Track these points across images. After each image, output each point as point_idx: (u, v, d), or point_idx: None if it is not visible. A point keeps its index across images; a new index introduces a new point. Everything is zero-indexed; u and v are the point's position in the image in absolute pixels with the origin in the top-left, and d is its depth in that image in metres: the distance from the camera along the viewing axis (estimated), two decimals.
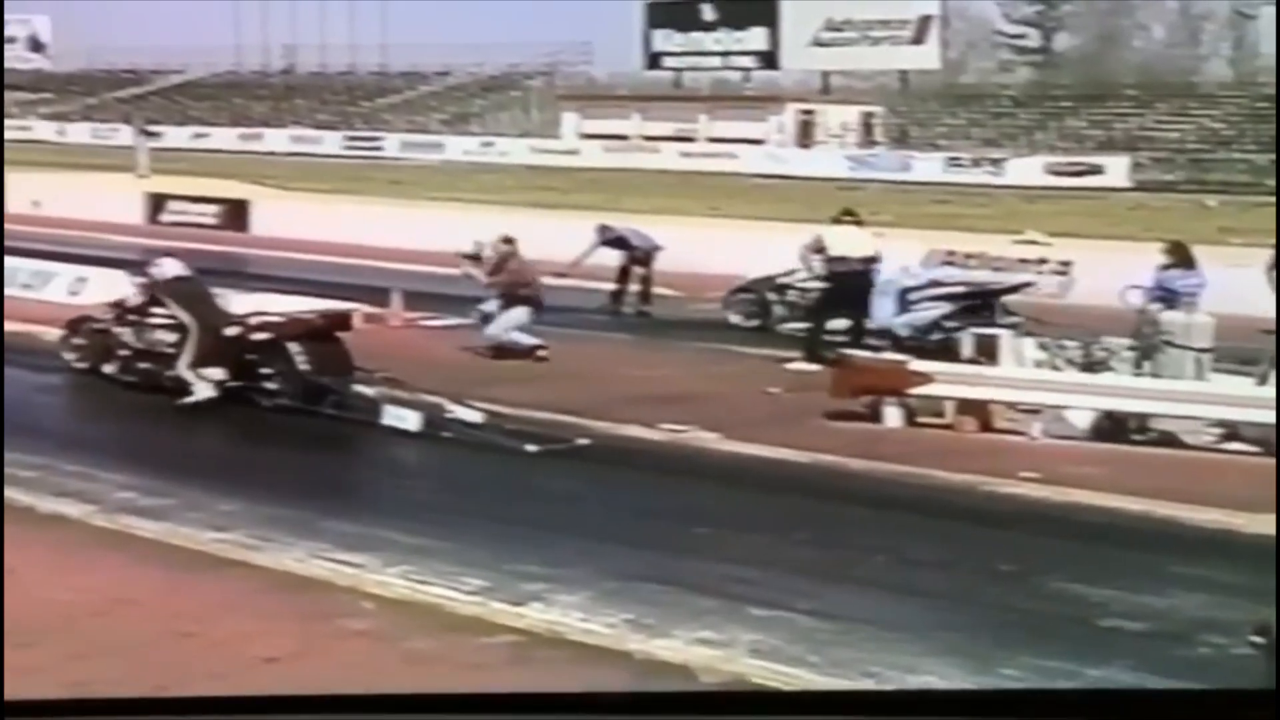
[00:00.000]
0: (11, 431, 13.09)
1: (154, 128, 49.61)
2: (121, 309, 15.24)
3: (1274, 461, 11.40)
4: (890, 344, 16.60)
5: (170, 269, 15.17)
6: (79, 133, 72.40)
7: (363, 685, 7.12)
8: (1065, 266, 23.91)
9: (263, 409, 14.05)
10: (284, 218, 32.86)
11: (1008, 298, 18.98)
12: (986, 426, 13.68)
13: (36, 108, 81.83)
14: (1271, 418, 12.38)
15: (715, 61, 68.51)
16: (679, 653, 7.95)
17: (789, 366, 16.49)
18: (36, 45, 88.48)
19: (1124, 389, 13.77)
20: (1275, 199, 30.71)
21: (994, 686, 7.55)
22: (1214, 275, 16.75)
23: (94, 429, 13.97)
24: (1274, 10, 47.32)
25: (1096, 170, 51.54)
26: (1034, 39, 76.49)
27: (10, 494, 10.78)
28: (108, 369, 15.03)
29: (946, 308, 18.22)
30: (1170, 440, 13.27)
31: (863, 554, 9.99)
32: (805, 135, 62.45)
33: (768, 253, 20.90)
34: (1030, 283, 20.77)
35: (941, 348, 16.51)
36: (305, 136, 69.14)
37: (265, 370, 14.27)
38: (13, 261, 21.47)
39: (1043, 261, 24.32)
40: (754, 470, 12.38)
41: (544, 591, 8.83)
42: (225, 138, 68.63)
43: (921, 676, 7.67)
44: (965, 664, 7.91)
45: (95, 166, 45.65)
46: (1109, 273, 19.05)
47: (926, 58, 63.93)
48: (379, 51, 77.61)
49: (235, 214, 34.00)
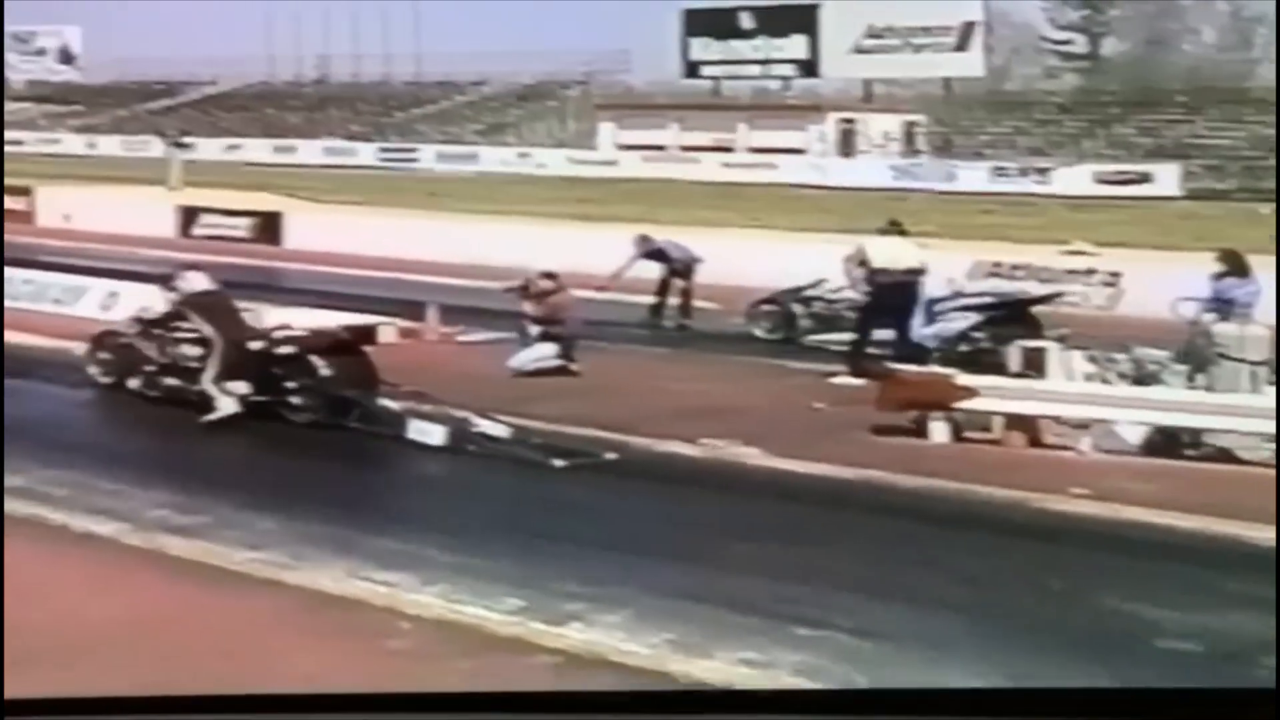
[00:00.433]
0: (45, 448, 13.20)
1: (186, 140, 49.78)
2: (146, 323, 15.33)
3: None
4: (915, 356, 16.50)
5: (195, 283, 15.24)
6: (110, 145, 72.82)
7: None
8: (1114, 277, 23.82)
9: (291, 424, 14.11)
10: (317, 230, 32.99)
11: (1050, 309, 18.93)
12: (1035, 441, 13.62)
13: (66, 120, 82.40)
14: None
15: (754, 70, 68.40)
16: (722, 673, 7.93)
17: (833, 380, 16.46)
18: (67, 57, 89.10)
19: (1176, 403, 13.69)
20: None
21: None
22: (1269, 284, 16.63)
23: (127, 445, 14.02)
24: None
25: (1146, 178, 51.28)
26: (1080, 44, 76.24)
27: (43, 512, 10.87)
28: (132, 383, 15.12)
29: (974, 318, 18.22)
30: (1225, 455, 13.19)
31: (909, 571, 9.95)
32: (847, 145, 62.35)
33: (809, 264, 20.86)
34: (1060, 293, 20.71)
35: (969, 359, 16.53)
36: (339, 148, 69.37)
37: (289, 384, 14.34)
38: (44, 276, 21.65)
39: (1091, 272, 24.23)
40: (797, 486, 12.35)
41: (584, 611, 8.82)
42: (258, 149, 68.90)
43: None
44: (1015, 684, 7.87)
45: (126, 179, 45.88)
46: (1159, 283, 18.97)
47: (970, 65, 63.73)
48: (413, 61, 77.89)
49: (268, 227, 34.13)
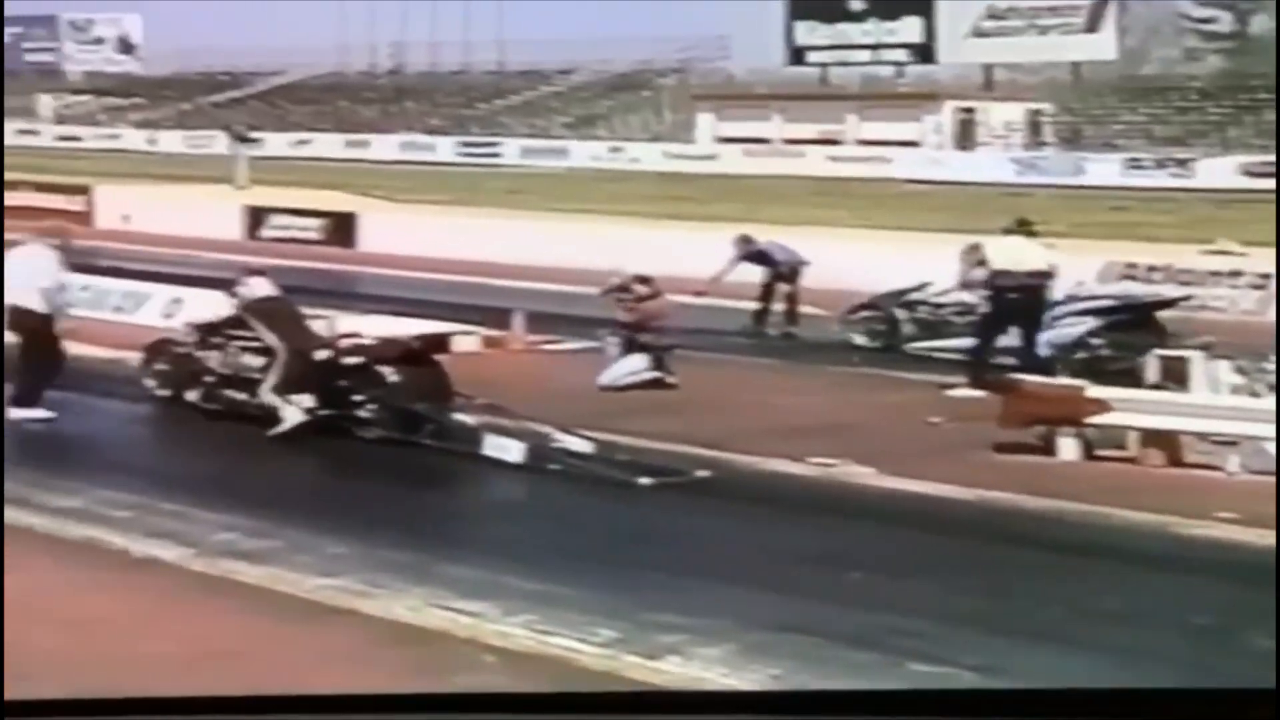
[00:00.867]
0: (103, 468, 13.36)
1: (252, 135, 50.34)
2: (204, 331, 15.46)
3: None
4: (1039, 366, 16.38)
5: (258, 288, 15.34)
6: (172, 141, 73.87)
7: None
8: (1263, 279, 23.52)
9: (360, 440, 14.19)
10: (393, 232, 33.25)
11: (1189, 314, 18.78)
12: (1176, 460, 13.48)
13: (126, 114, 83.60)
14: None
15: (864, 55, 68.32)
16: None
17: (952, 393, 16.37)
18: (127, 47, 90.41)
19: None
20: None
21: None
22: None
23: (189, 463, 14.14)
24: None
25: None
26: (1225, 23, 75.31)
27: (103, 535, 11.01)
28: (191, 396, 15.23)
29: (1091, 323, 18.12)
30: None
31: (1036, 604, 9.88)
32: (965, 136, 62.12)
33: (924, 267, 20.76)
34: (1189, 296, 20.50)
35: (1086, 368, 16.43)
36: (416, 143, 69.94)
37: (357, 397, 14.42)
38: (104, 282, 21.90)
39: (1237, 274, 23.96)
40: (914, 509, 12.30)
41: (682, 644, 8.80)
42: (329, 145, 69.61)
43: None
44: None
45: (189, 178, 46.45)
46: None
47: (1102, 47, 63.31)
48: (496, 48, 78.43)
49: (340, 228, 34.43)
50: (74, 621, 9.14)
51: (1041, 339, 17.44)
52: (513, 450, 13.38)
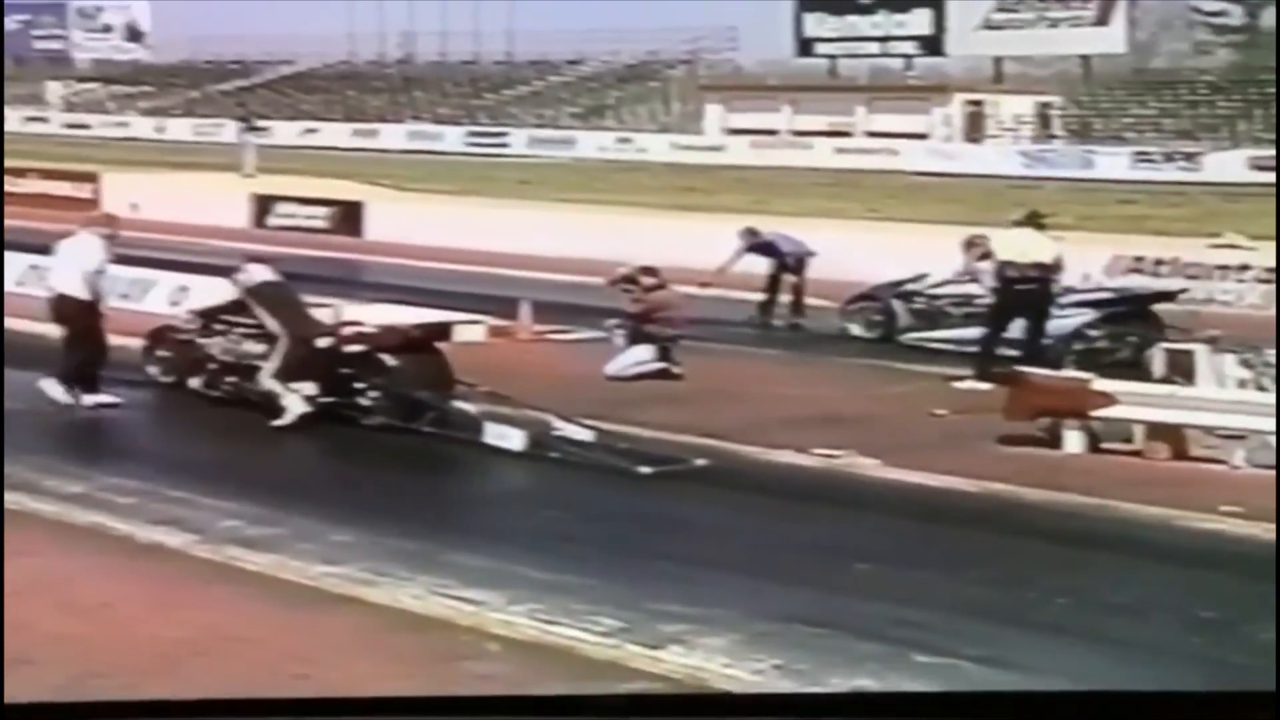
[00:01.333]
0: (108, 454, 13.39)
1: (261, 123, 50.32)
2: (206, 317, 15.47)
3: None
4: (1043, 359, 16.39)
5: (258, 274, 15.33)
6: (180, 129, 73.77)
7: None
8: (1270, 274, 23.49)
9: (363, 428, 14.20)
10: (401, 221, 33.19)
11: (1198, 308, 18.80)
12: (1181, 454, 13.49)
13: (135, 102, 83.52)
14: None
15: (874, 48, 68.12)
16: None
17: (957, 385, 16.38)
18: (135, 34, 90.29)
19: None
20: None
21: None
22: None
23: (193, 450, 14.13)
24: None
25: None
26: (1236, 16, 75.14)
27: (107, 521, 11.03)
28: (194, 382, 15.24)
29: (1089, 315, 18.18)
30: None
31: (1041, 596, 9.89)
32: (974, 129, 62.01)
33: (932, 259, 20.74)
34: (1184, 289, 20.54)
35: (1084, 360, 16.48)
36: (424, 132, 69.85)
37: (359, 385, 14.44)
38: (110, 269, 21.86)
39: (1245, 268, 23.92)
40: (919, 500, 12.32)
41: (685, 633, 8.82)
42: (338, 134, 69.50)
43: None
44: None
45: (197, 166, 46.43)
46: None
47: (1112, 40, 63.13)
48: (505, 39, 78.23)
49: (348, 217, 34.39)
50: (80, 606, 9.17)
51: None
52: (513, 438, 13.40)
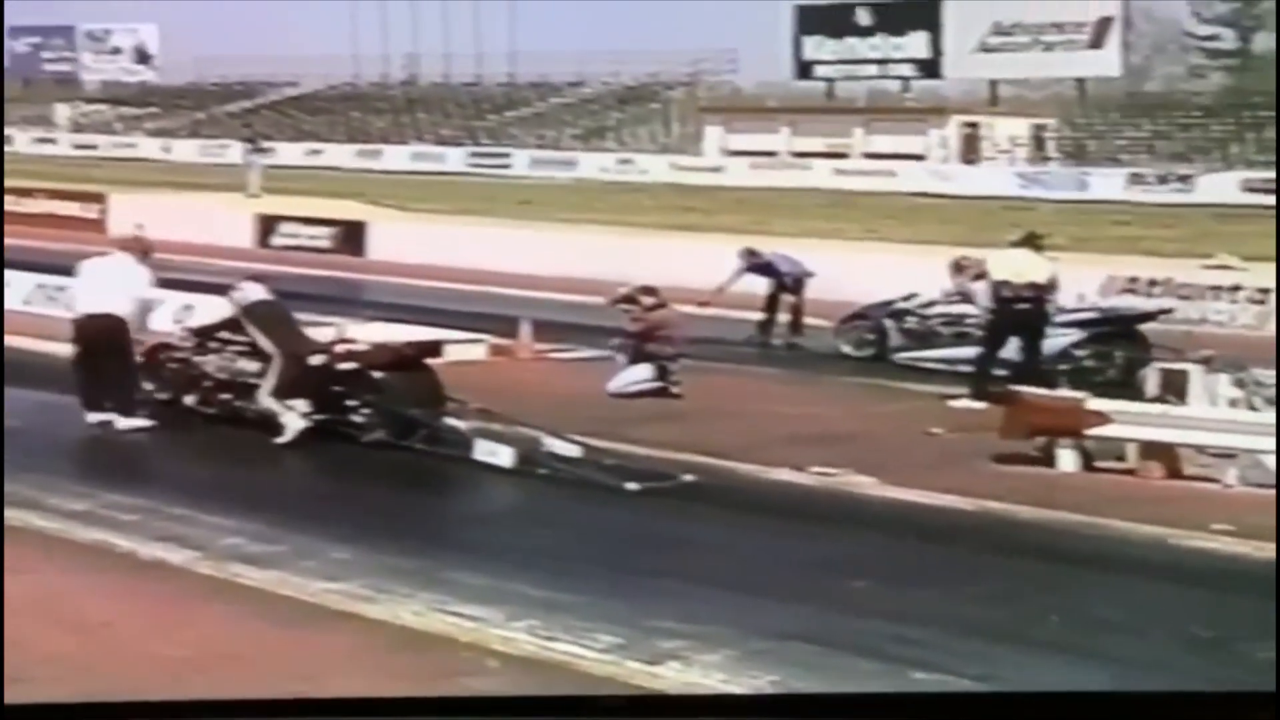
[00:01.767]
0: (110, 471, 13.37)
1: (266, 144, 50.37)
2: (201, 336, 15.45)
3: None
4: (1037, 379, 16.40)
5: (252, 293, 15.32)
6: (186, 150, 73.84)
7: None
8: (1263, 294, 23.50)
9: (358, 445, 14.19)
10: (403, 241, 33.25)
11: (1192, 328, 18.82)
12: (1174, 473, 13.46)
13: (142, 123, 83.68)
14: None
15: (872, 70, 68.25)
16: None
17: (953, 404, 16.36)
18: (143, 56, 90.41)
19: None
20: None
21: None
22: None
23: (193, 467, 14.10)
24: None
25: None
26: (1229, 40, 75.38)
27: (110, 538, 11.00)
28: (189, 400, 15.22)
29: (1076, 335, 18.21)
30: None
31: (1037, 613, 9.84)
32: (971, 150, 62.10)
33: (929, 279, 20.74)
34: (1169, 309, 20.56)
35: (1073, 379, 16.55)
36: (427, 153, 69.94)
37: (352, 402, 14.43)
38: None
39: (1237, 289, 23.94)
40: (915, 518, 12.28)
41: (682, 650, 8.77)
42: (341, 154, 69.62)
43: None
44: None
45: (203, 186, 46.49)
46: None
47: (1106, 63, 63.21)
48: (507, 60, 78.36)
49: (351, 237, 34.44)
50: (82, 623, 9.14)
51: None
52: (503, 455, 13.40)
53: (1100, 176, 55.19)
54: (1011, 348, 17.16)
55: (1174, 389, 14.85)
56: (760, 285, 21.88)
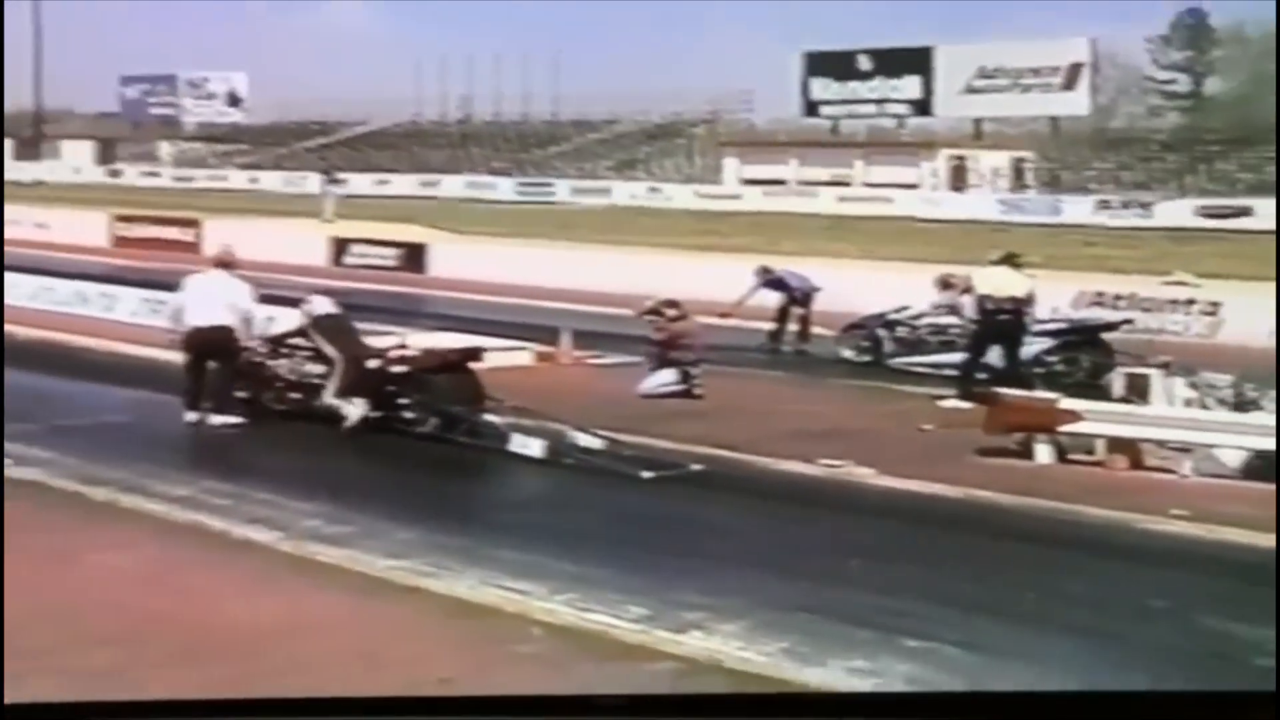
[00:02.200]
0: (207, 461, 13.43)
1: (339, 175, 50.43)
2: (275, 343, 15.51)
3: None
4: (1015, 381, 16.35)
5: (320, 306, 15.48)
6: (271, 181, 74.01)
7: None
8: (1214, 307, 23.42)
9: (415, 440, 14.21)
10: (459, 260, 33.28)
11: (1152, 336, 18.76)
12: (1137, 464, 13.41)
13: (233, 158, 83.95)
14: None
15: (871, 109, 68.17)
16: (833, 681, 7.87)
17: (942, 404, 16.32)
18: (234, 100, 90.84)
19: (1275, 428, 13.38)
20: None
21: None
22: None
23: (280, 459, 14.13)
24: None
25: (1246, 212, 50.40)
26: (1183, 84, 75.20)
27: (205, 519, 11.04)
28: (265, 398, 15.28)
29: (1046, 343, 18.17)
30: None
31: (1014, 589, 9.82)
32: (958, 179, 61.96)
33: (920, 293, 20.70)
34: (1129, 320, 20.52)
35: (1042, 381, 16.60)
36: (480, 183, 70.01)
37: (403, 400, 14.53)
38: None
39: (1191, 302, 23.86)
40: (908, 505, 12.24)
41: (703, 620, 8.77)
42: (405, 184, 69.69)
43: None
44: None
45: (285, 213, 46.56)
46: (1259, 313, 18.64)
47: (1077, 104, 63.07)
48: (550, 102, 78.50)
49: (414, 256, 34.48)
50: (181, 591, 9.20)
51: (998, 355, 17.40)
52: (534, 447, 13.45)
53: (1072, 203, 55.01)
54: (993, 354, 17.13)
55: (1137, 390, 14.83)
56: (773, 299, 21.83)
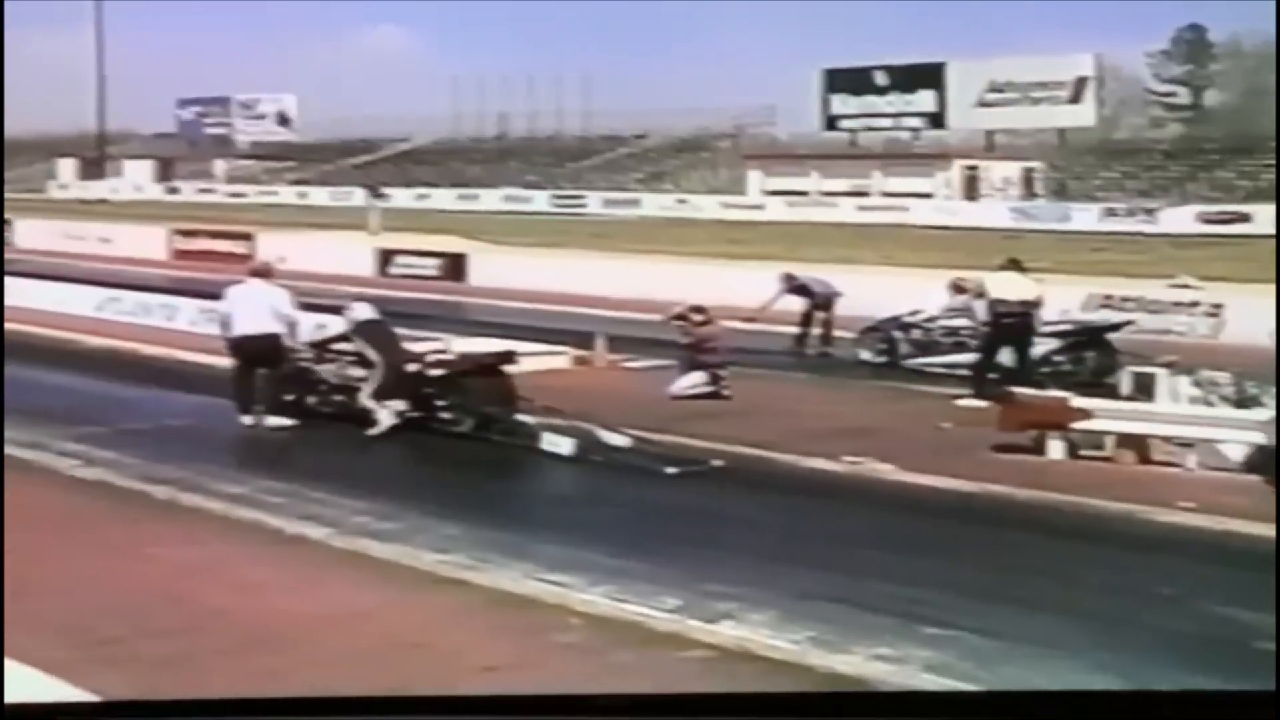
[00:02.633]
0: (262, 461, 13.47)
1: (383, 190, 50.53)
2: (319, 348, 15.55)
3: None
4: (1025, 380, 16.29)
5: (361, 312, 15.48)
6: (319, 196, 74.31)
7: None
8: (1216, 308, 23.30)
9: (451, 437, 14.25)
10: (498, 269, 33.30)
11: (1158, 337, 18.68)
12: (1145, 459, 13.35)
13: (283, 175, 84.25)
14: None
15: (887, 122, 68.12)
16: (857, 667, 7.86)
17: (959, 403, 16.27)
18: (284, 120, 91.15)
19: (1275, 423, 13.32)
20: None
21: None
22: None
23: (331, 459, 14.16)
24: None
25: (1245, 218, 50.23)
26: (1184, 96, 74.98)
27: (260, 516, 11.07)
28: (310, 400, 15.30)
29: (1053, 344, 18.08)
30: None
31: (1028, 577, 9.80)
32: (971, 189, 61.86)
33: (935, 297, 20.63)
34: (1131, 321, 20.39)
35: (1050, 379, 16.51)
36: (517, 195, 70.17)
37: (440, 402, 14.59)
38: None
39: (1195, 304, 23.73)
40: (927, 499, 12.22)
41: (735, 610, 8.76)
42: (445, 198, 69.94)
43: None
44: (1124, 683, 7.71)
45: (332, 226, 46.67)
46: (1259, 314, 18.52)
47: (1083, 116, 62.92)
48: (582, 118, 78.60)
49: (454, 266, 34.54)
50: (241, 585, 9.24)
51: (1008, 356, 17.34)
52: (564, 445, 13.47)
53: (1080, 211, 54.89)
54: (1005, 355, 17.08)
55: (1144, 389, 14.76)
56: (796, 304, 21.80)
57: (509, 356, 15.38)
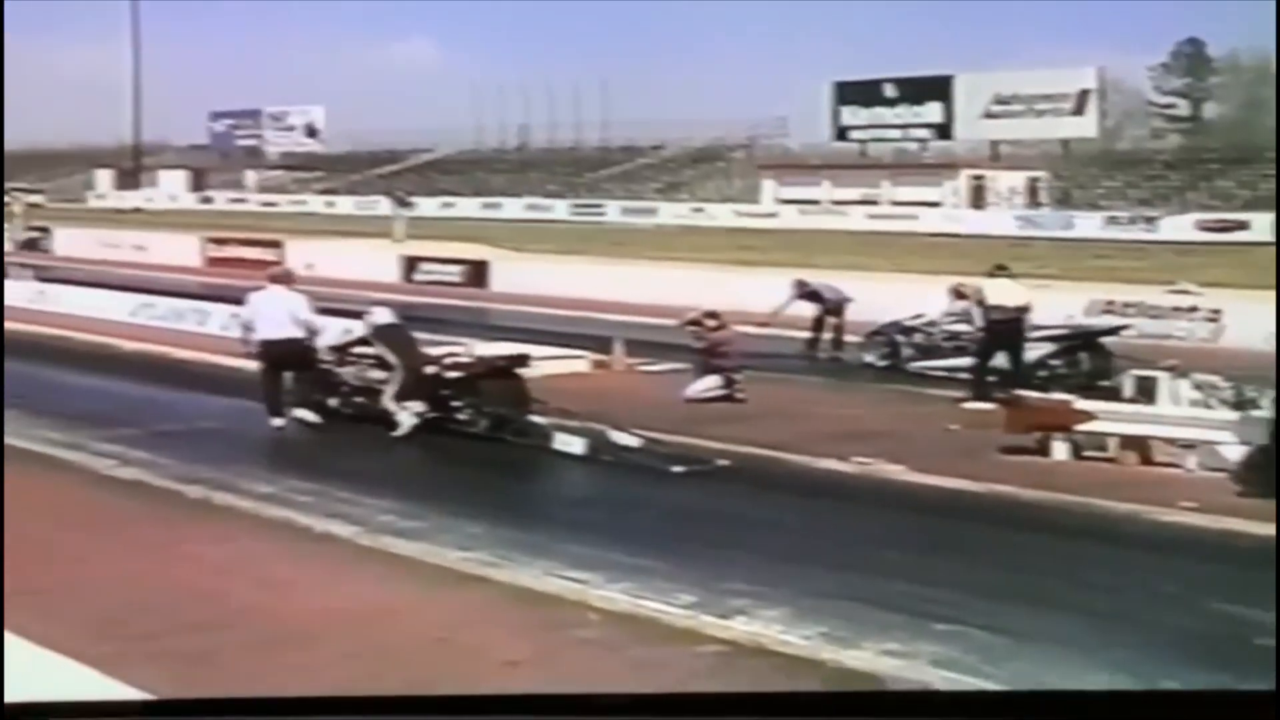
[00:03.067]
0: (291, 462, 13.47)
1: (408, 199, 50.56)
2: (340, 351, 15.55)
3: None
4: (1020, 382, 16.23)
5: (380, 317, 15.49)
6: (346, 205, 74.35)
7: (590, 688, 7.10)
8: (1215, 314, 23.21)
9: (469, 438, 14.25)
10: (519, 275, 33.30)
11: (1158, 342, 18.61)
12: (1147, 460, 13.30)
13: (311, 184, 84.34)
14: None
15: (896, 133, 67.99)
16: (868, 663, 7.83)
17: (966, 406, 16.23)
18: (312, 131, 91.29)
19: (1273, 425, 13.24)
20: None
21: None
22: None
23: (357, 460, 14.16)
24: None
25: (1243, 226, 50.01)
26: (1184, 108, 74.74)
27: (289, 515, 11.07)
28: (332, 403, 15.32)
29: (1049, 348, 18.03)
30: None
31: (1034, 576, 9.75)
32: (977, 198, 61.71)
33: (941, 303, 20.57)
34: (1126, 325, 20.31)
35: (1046, 382, 16.49)
36: (538, 204, 70.15)
37: (456, 403, 14.59)
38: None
39: (1194, 309, 23.65)
40: (936, 499, 12.18)
41: (748, 607, 8.74)
42: (468, 206, 69.93)
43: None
44: (1129, 679, 7.67)
45: (359, 234, 46.74)
46: (1257, 320, 18.46)
47: (1086, 127, 62.75)
48: (600, 129, 78.59)
49: (477, 273, 34.53)
50: (271, 581, 9.23)
51: (1005, 360, 17.28)
52: (576, 445, 13.47)
53: (1083, 218, 54.75)
54: (1000, 358, 17.06)
55: (1145, 392, 14.69)
56: (808, 309, 21.76)
57: (522, 360, 15.37)
